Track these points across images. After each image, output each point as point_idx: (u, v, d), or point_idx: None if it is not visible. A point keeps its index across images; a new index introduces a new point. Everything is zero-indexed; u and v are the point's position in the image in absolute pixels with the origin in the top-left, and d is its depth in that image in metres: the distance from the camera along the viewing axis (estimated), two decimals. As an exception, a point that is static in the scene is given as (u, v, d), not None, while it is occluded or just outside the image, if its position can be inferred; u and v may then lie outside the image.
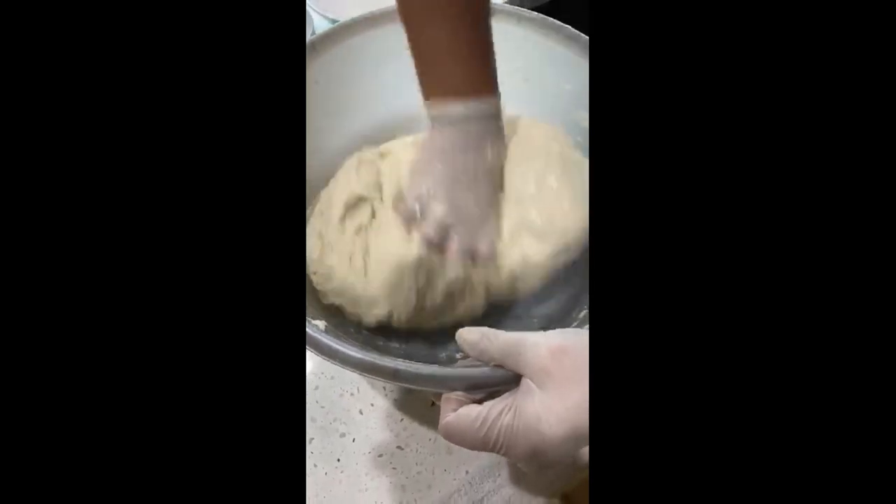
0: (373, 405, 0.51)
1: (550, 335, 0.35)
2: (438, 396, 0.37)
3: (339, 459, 0.49)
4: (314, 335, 0.37)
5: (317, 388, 0.52)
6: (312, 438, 0.49)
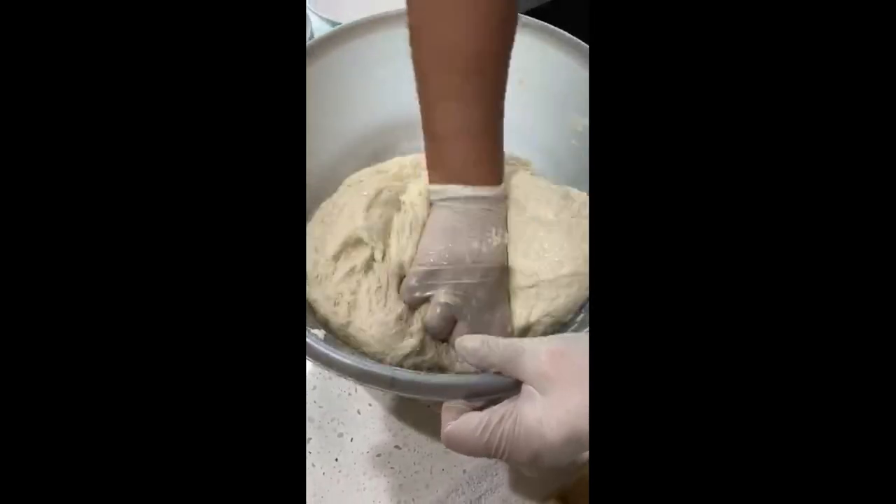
0: (371, 405, 0.51)
1: (549, 340, 0.35)
2: (438, 404, 0.37)
3: (338, 459, 0.49)
4: (312, 344, 0.37)
5: (315, 388, 0.52)
6: (310, 438, 0.50)
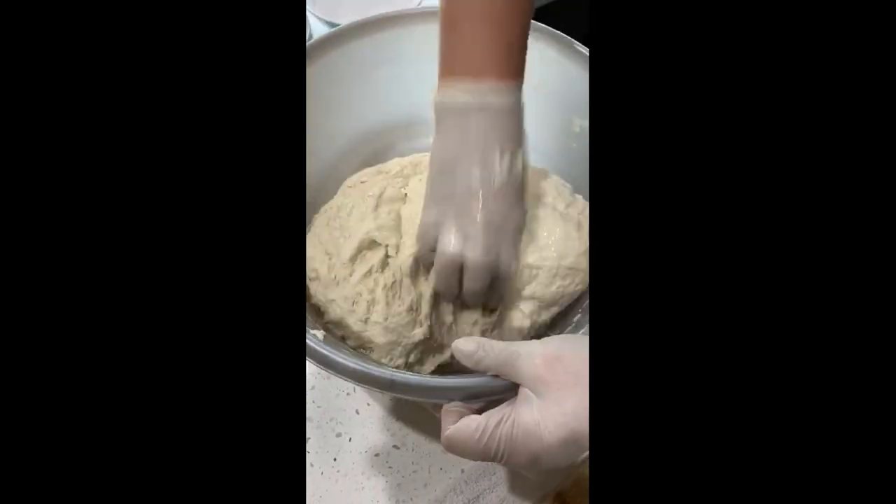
0: (369, 405, 0.52)
1: (544, 343, 0.36)
2: (437, 408, 0.37)
3: (336, 459, 0.49)
4: (312, 345, 0.38)
5: (313, 388, 0.52)
6: (309, 438, 0.50)
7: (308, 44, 0.52)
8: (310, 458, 0.49)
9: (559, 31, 0.54)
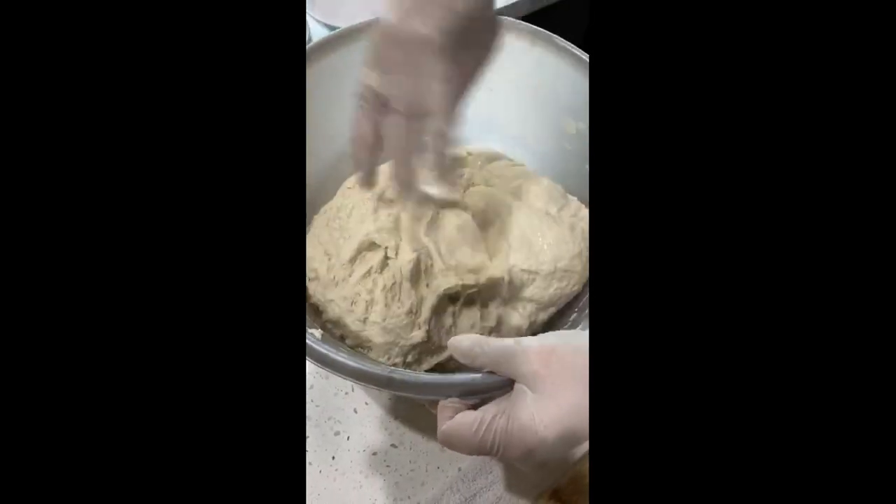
0: (367, 404, 0.52)
1: (540, 339, 0.36)
2: (433, 405, 0.37)
3: (334, 457, 0.49)
4: (310, 343, 0.38)
5: (312, 387, 0.52)
6: (307, 436, 0.50)
7: (308, 46, 0.52)
8: (308, 457, 0.49)
9: (554, 34, 0.54)
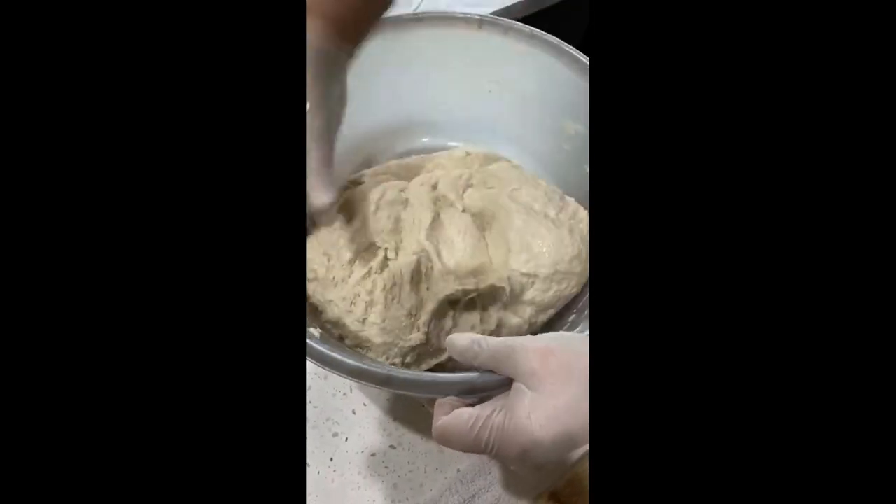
0: (365, 405, 0.52)
1: (538, 338, 0.36)
2: (431, 403, 0.37)
3: (332, 459, 0.49)
4: (309, 343, 0.38)
5: (310, 388, 0.52)
6: (306, 438, 0.50)
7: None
8: (306, 458, 0.49)
9: (551, 35, 0.55)
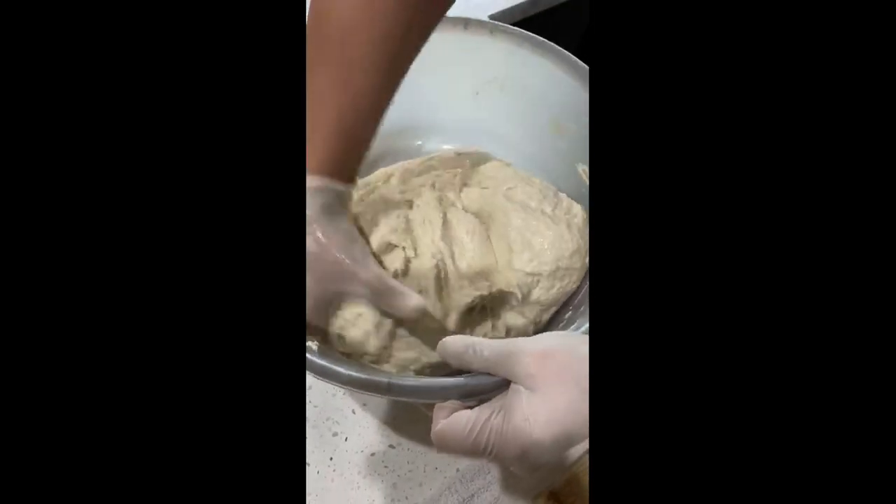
0: (365, 405, 0.52)
1: (535, 340, 0.36)
2: (430, 408, 0.37)
3: (332, 458, 0.49)
4: (307, 356, 0.38)
5: (310, 388, 0.52)
6: (305, 437, 0.50)
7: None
8: (306, 458, 0.49)
9: (539, 36, 0.55)
